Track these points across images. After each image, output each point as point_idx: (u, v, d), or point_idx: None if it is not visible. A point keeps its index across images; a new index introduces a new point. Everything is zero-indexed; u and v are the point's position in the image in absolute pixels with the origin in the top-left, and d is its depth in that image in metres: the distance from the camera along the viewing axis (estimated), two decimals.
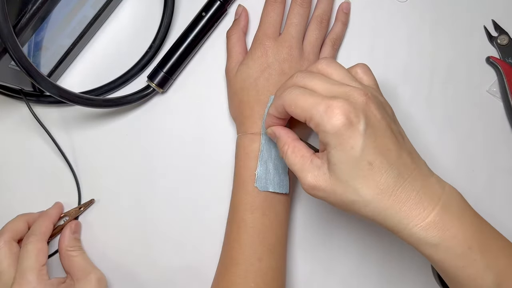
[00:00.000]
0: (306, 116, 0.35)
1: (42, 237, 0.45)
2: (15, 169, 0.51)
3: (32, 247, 0.44)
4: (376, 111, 0.35)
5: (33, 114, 0.48)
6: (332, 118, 0.33)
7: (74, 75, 0.52)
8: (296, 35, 0.47)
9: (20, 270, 0.43)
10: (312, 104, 0.34)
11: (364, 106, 0.34)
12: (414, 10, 0.51)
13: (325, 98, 0.34)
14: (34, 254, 0.44)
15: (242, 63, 0.47)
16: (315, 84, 0.36)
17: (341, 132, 0.33)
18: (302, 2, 0.47)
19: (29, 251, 0.44)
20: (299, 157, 0.37)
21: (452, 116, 0.51)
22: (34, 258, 0.43)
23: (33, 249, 0.44)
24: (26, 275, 0.43)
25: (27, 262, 0.43)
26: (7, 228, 0.46)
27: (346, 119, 0.33)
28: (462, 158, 0.50)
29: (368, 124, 0.34)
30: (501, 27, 0.50)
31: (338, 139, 0.33)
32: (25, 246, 0.44)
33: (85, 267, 0.46)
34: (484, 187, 0.50)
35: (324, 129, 0.34)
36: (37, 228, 0.46)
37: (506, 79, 0.49)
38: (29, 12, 0.41)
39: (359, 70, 0.39)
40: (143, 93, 0.50)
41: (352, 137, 0.33)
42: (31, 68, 0.40)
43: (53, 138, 0.49)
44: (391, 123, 0.36)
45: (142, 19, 0.52)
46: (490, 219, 0.50)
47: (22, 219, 0.47)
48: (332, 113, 0.33)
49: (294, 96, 0.36)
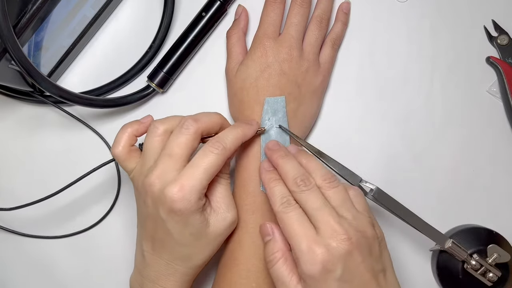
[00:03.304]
0: (289, 241, 0.37)
1: (227, 152, 0.40)
2: (15, 169, 0.51)
3: (216, 159, 0.39)
4: (358, 256, 0.35)
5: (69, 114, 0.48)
6: (310, 262, 0.35)
7: (74, 75, 0.52)
8: (296, 35, 0.47)
9: (187, 171, 0.38)
10: (298, 236, 0.36)
11: (345, 255, 0.35)
12: (414, 10, 0.51)
13: (310, 239, 0.35)
14: (211, 169, 0.38)
15: (242, 63, 0.47)
16: (312, 208, 0.37)
17: (316, 277, 0.35)
18: (302, 2, 0.47)
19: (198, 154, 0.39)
20: (289, 270, 0.37)
21: (452, 116, 0.51)
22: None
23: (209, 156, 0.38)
24: (191, 181, 0.37)
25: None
26: (203, 120, 0.40)
27: (323, 267, 0.34)
28: (462, 158, 0.50)
29: (345, 270, 0.35)
30: (501, 27, 0.50)
31: (312, 281, 0.35)
32: (210, 153, 0.39)
33: (227, 203, 0.41)
34: (484, 187, 0.50)
35: (301, 267, 0.35)
36: (224, 138, 0.40)
37: (506, 79, 0.49)
38: (29, 12, 0.41)
39: (352, 193, 0.39)
40: (143, 93, 0.50)
41: (327, 282, 0.35)
42: (31, 68, 0.40)
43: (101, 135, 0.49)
44: (373, 264, 0.37)
45: (142, 19, 0.52)
46: (490, 220, 0.50)
47: (220, 119, 0.42)
48: (311, 257, 0.35)
49: (288, 216, 0.37)
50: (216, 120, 0.41)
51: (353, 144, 0.50)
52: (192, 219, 0.38)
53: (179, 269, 0.41)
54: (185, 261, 0.41)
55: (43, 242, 0.51)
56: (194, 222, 0.39)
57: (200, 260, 0.41)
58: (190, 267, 0.41)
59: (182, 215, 0.38)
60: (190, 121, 0.39)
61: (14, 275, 0.51)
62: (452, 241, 0.45)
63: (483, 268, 0.45)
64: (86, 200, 0.51)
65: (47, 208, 0.51)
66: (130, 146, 0.42)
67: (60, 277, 0.51)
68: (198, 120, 0.40)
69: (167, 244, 0.40)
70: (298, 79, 0.46)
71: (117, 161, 0.42)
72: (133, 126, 0.42)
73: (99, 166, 0.45)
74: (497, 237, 0.48)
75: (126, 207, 0.51)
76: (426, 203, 0.50)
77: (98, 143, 0.51)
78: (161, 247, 0.40)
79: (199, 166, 0.38)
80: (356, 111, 0.51)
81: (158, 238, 0.40)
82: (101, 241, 0.51)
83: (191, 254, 0.41)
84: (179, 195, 0.37)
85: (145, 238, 0.41)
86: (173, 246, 0.40)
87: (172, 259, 0.41)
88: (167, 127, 0.40)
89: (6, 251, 0.52)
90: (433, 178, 0.50)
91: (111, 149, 0.42)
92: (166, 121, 0.41)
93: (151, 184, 0.38)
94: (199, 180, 0.38)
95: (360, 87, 0.51)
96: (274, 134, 0.45)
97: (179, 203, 0.37)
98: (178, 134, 0.39)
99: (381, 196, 0.43)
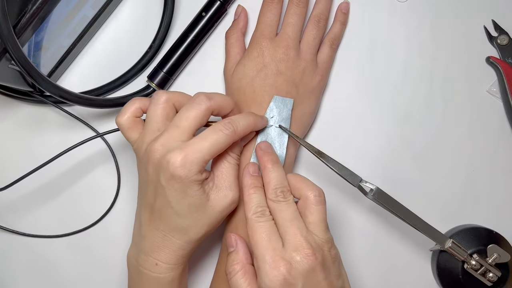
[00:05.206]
0: (253, 249, 0.37)
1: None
2: (15, 169, 0.51)
3: (225, 139, 0.39)
4: (321, 273, 0.36)
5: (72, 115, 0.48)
6: (272, 274, 0.36)
7: (74, 75, 0.52)
8: (293, 35, 0.47)
9: (195, 142, 0.38)
10: (264, 247, 0.37)
11: (307, 270, 0.36)
12: (414, 10, 0.51)
13: (276, 252, 0.36)
14: (217, 147, 0.39)
15: (239, 63, 0.47)
16: (283, 219, 0.38)
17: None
18: (299, 2, 0.47)
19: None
20: (247, 283, 0.38)
21: (452, 116, 0.51)
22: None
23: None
24: (196, 152, 0.38)
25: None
26: (216, 99, 0.40)
27: (284, 281, 0.35)
28: (462, 158, 0.50)
29: (306, 286, 0.36)
30: (501, 27, 0.50)
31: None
32: (221, 132, 0.39)
33: (231, 182, 0.41)
34: (484, 187, 0.50)
35: (262, 279, 0.36)
36: (236, 121, 0.40)
37: (506, 79, 0.49)
38: (29, 12, 0.41)
39: (313, 200, 0.39)
40: (143, 93, 0.50)
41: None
42: (31, 68, 0.41)
43: (112, 151, 0.49)
44: (333, 281, 0.37)
45: (142, 19, 0.52)
46: (490, 220, 0.50)
47: (233, 103, 0.42)
48: (273, 270, 0.36)
49: (258, 225, 0.38)
50: (228, 102, 0.41)
51: (352, 144, 0.50)
52: (191, 189, 0.38)
53: (175, 242, 0.41)
54: (181, 234, 0.40)
55: (43, 241, 0.51)
56: (193, 193, 0.39)
57: (196, 234, 0.41)
58: (186, 241, 0.41)
59: (182, 183, 0.38)
60: (203, 97, 0.40)
61: (14, 274, 0.51)
62: (452, 241, 0.45)
63: (483, 268, 0.45)
64: (86, 198, 0.51)
65: (47, 207, 0.51)
66: (135, 117, 0.42)
67: (60, 276, 0.51)
68: (211, 98, 0.40)
69: (164, 213, 0.40)
70: (295, 79, 0.46)
71: (121, 130, 0.42)
72: (142, 101, 0.42)
73: (85, 140, 0.46)
74: (497, 237, 0.48)
75: (126, 205, 0.51)
76: (426, 203, 0.50)
77: (98, 143, 0.51)
78: (159, 217, 0.40)
79: (206, 140, 0.38)
80: (356, 111, 0.51)
81: (157, 207, 0.40)
82: (101, 240, 0.51)
83: (187, 227, 0.40)
84: (181, 162, 0.37)
85: (143, 208, 0.41)
86: (171, 216, 0.40)
87: (168, 231, 0.40)
88: (170, 96, 0.41)
89: (6, 250, 0.51)
90: (433, 178, 0.50)
91: (116, 118, 0.42)
92: (170, 92, 0.41)
93: (154, 151, 0.39)
94: (203, 153, 0.38)
95: (360, 87, 0.51)
96: (274, 134, 0.45)
97: (180, 169, 0.37)
98: (189, 107, 0.39)
99: (381, 196, 0.43)
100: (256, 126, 0.43)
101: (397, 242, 0.50)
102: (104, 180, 0.51)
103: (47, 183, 0.51)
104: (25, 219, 0.51)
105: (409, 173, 0.50)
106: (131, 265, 0.43)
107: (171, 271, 0.41)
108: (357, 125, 0.51)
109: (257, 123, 0.43)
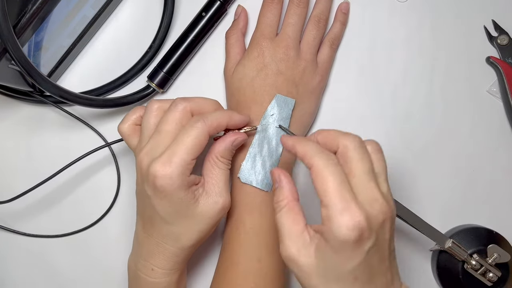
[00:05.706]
0: (322, 197, 0.33)
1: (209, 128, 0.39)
2: (15, 169, 0.51)
3: (196, 133, 0.38)
4: (388, 231, 0.34)
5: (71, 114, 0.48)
6: (345, 227, 0.32)
7: (74, 75, 0.52)
8: (293, 35, 0.47)
9: (170, 147, 0.38)
10: (336, 195, 0.32)
11: (380, 227, 0.33)
12: (414, 10, 0.51)
13: (350, 201, 0.32)
14: (191, 142, 0.38)
15: (239, 63, 0.47)
16: (360, 169, 0.34)
17: (346, 244, 0.32)
18: (299, 2, 0.47)
19: (191, 135, 0.38)
20: (291, 220, 0.35)
21: (452, 116, 0.51)
22: (190, 145, 0.38)
23: (196, 135, 0.38)
24: (173, 157, 0.37)
25: (181, 145, 0.38)
26: (195, 100, 0.40)
27: (359, 236, 0.32)
28: (462, 158, 0.50)
29: (375, 244, 0.33)
30: (501, 27, 0.50)
31: (340, 247, 0.32)
32: (191, 128, 0.38)
33: (221, 188, 0.41)
34: (484, 187, 0.50)
35: (332, 229, 0.32)
36: (214, 119, 0.39)
37: (506, 79, 0.49)
38: (29, 12, 0.41)
39: (372, 147, 0.36)
40: (143, 93, 0.50)
41: (354, 252, 0.32)
42: (31, 68, 0.41)
43: (113, 154, 0.49)
44: (392, 242, 0.35)
45: (142, 19, 0.52)
46: (490, 220, 0.50)
47: (215, 103, 0.42)
48: (348, 220, 0.32)
49: (328, 170, 0.33)
50: (208, 102, 0.41)
51: None
52: (176, 196, 0.38)
53: (169, 249, 0.41)
54: (174, 241, 0.41)
55: (43, 241, 0.51)
56: (179, 200, 0.38)
57: (189, 241, 0.41)
58: (179, 247, 0.41)
59: (165, 192, 0.38)
60: (179, 99, 0.40)
61: (13, 274, 0.51)
62: (452, 241, 0.45)
63: (483, 268, 0.45)
64: (85, 199, 0.51)
65: (47, 207, 0.51)
66: (135, 125, 0.43)
67: (60, 276, 0.51)
68: (189, 100, 0.40)
69: (154, 222, 0.40)
70: (296, 79, 0.46)
71: (122, 137, 0.43)
72: (143, 110, 0.43)
73: (93, 150, 0.47)
74: (497, 237, 0.48)
75: (125, 206, 0.51)
76: (426, 203, 0.50)
77: (98, 143, 0.51)
78: (150, 225, 0.41)
79: (180, 140, 0.38)
80: (356, 111, 0.51)
81: (147, 216, 0.41)
82: (101, 240, 0.51)
83: (179, 234, 0.40)
84: (161, 172, 0.37)
85: (138, 215, 0.43)
86: (161, 224, 0.40)
87: (161, 238, 0.41)
88: (162, 104, 0.41)
89: (5, 250, 0.52)
90: (433, 178, 0.50)
91: (118, 126, 0.43)
92: (163, 100, 0.42)
93: (140, 161, 0.39)
94: (180, 156, 0.37)
95: (360, 87, 0.51)
96: (273, 133, 0.45)
97: (160, 179, 0.37)
98: (167, 111, 0.40)
99: None
100: (232, 120, 0.41)
101: (397, 242, 0.50)
102: (104, 181, 0.51)
103: (47, 183, 0.51)
104: (25, 219, 0.51)
105: (409, 173, 0.50)
106: (131, 270, 0.44)
107: (166, 276, 0.42)
108: (357, 125, 0.51)
109: (232, 118, 0.41)
